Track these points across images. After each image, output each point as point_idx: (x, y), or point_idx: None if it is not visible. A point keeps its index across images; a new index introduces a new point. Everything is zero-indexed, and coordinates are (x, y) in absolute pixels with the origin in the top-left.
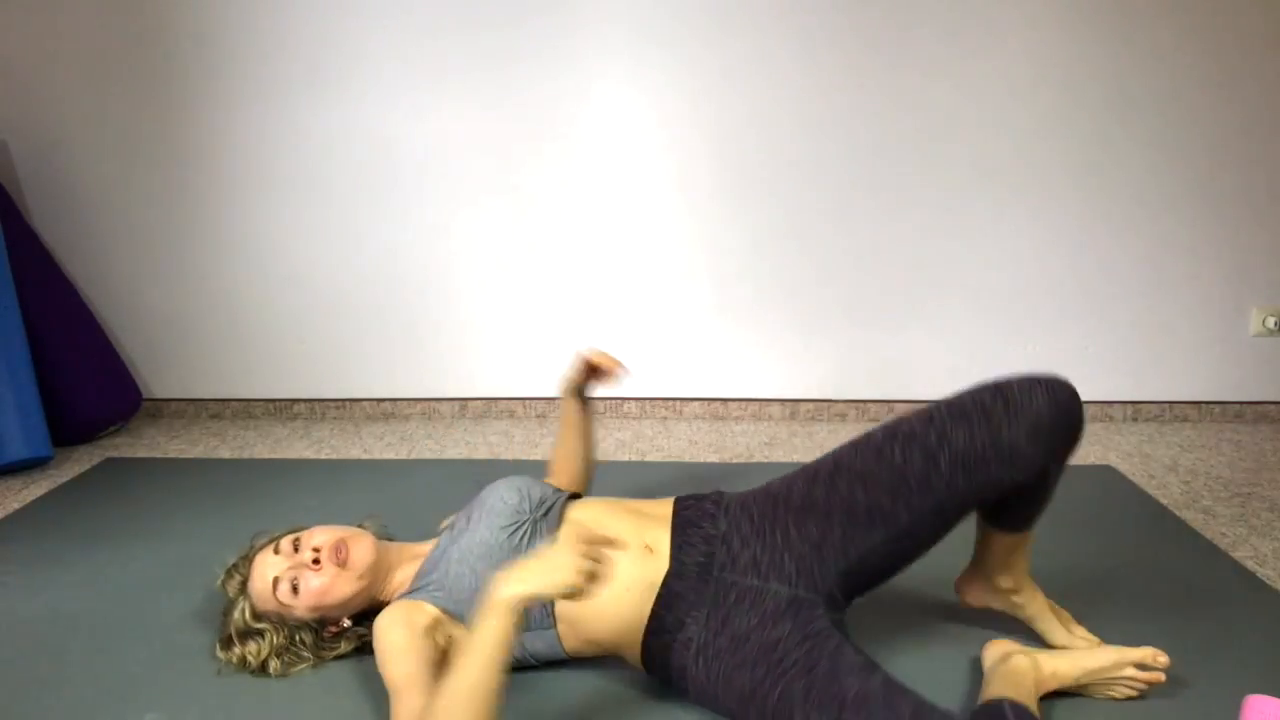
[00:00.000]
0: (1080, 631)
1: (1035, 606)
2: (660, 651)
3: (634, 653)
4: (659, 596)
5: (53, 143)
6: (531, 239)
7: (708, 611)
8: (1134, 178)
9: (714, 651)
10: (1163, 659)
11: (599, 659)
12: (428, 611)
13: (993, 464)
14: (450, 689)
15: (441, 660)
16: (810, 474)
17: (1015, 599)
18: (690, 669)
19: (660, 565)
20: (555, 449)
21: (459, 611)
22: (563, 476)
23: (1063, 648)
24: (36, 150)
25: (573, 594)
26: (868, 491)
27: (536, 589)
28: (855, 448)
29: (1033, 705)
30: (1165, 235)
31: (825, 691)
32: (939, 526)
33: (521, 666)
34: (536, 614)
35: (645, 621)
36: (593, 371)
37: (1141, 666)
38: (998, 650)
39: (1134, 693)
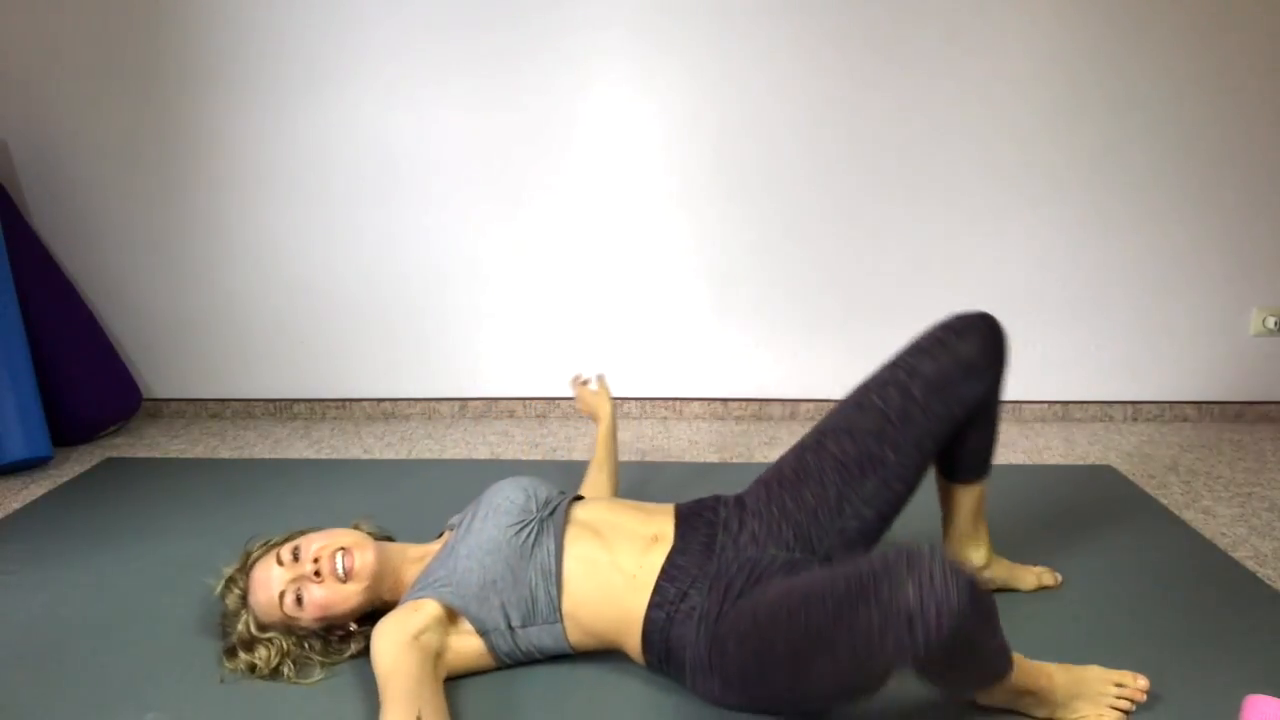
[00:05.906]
0: (1038, 569)
1: (1003, 571)
2: (661, 626)
3: (635, 640)
4: (663, 570)
5: (53, 143)
6: (531, 239)
7: (709, 584)
8: (1135, 178)
9: (715, 616)
10: (1142, 681)
11: (602, 652)
12: (426, 611)
13: (958, 380)
14: None
15: (434, 660)
16: (797, 448)
17: (987, 574)
18: (690, 637)
19: (665, 549)
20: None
21: (464, 606)
22: (589, 487)
23: (1034, 589)
24: (36, 150)
25: None
26: (855, 441)
27: None
28: (832, 414)
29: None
30: (1166, 235)
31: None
32: (920, 461)
33: (527, 661)
34: (544, 608)
35: (649, 597)
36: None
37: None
38: None
39: (1113, 712)
